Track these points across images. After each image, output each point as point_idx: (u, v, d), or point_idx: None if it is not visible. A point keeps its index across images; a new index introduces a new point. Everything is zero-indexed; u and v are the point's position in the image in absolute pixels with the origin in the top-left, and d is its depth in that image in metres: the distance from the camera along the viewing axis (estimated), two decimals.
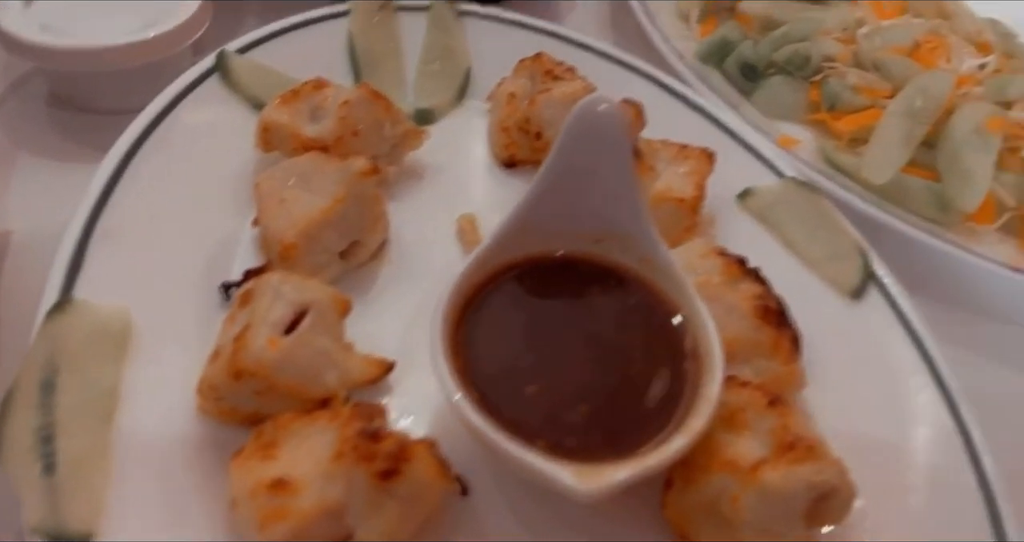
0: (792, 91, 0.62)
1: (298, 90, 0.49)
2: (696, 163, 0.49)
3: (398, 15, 0.60)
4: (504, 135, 0.54)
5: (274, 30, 0.56)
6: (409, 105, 0.56)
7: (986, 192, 0.53)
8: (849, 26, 0.66)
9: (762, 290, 0.43)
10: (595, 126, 0.39)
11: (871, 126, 0.58)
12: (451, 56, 0.59)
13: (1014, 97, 0.60)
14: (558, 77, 0.54)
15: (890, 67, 0.62)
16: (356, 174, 0.43)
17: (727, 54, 0.64)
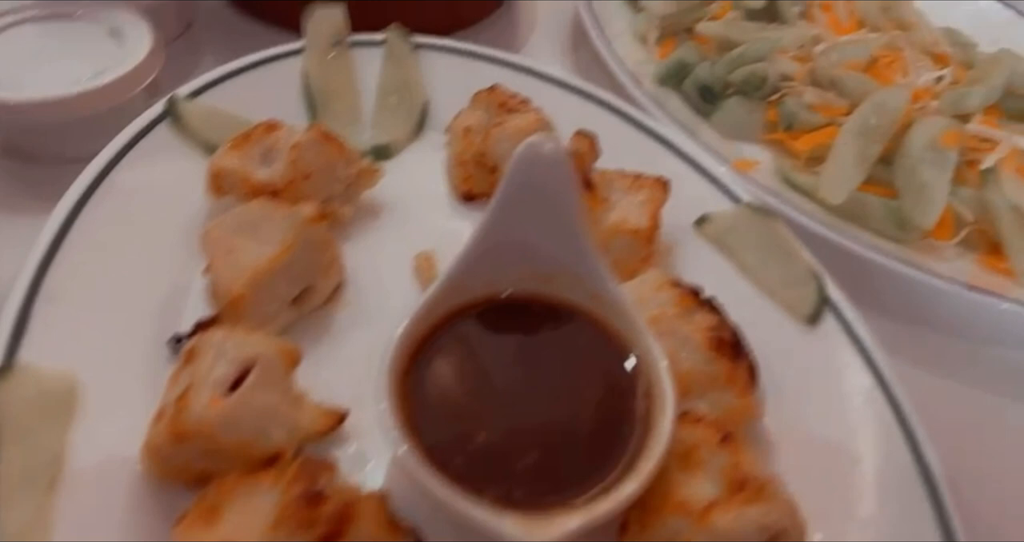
0: (750, 112, 0.62)
1: (249, 133, 0.49)
2: (651, 192, 0.49)
3: (353, 51, 0.60)
4: (461, 169, 0.54)
5: (227, 71, 0.55)
6: (367, 141, 0.56)
7: (943, 208, 0.53)
8: (805, 44, 0.66)
9: (717, 321, 0.43)
10: (540, 167, 0.39)
11: (828, 144, 0.58)
12: (408, 90, 0.59)
13: (971, 109, 0.61)
14: (512, 109, 0.54)
15: (846, 84, 0.62)
16: (304, 220, 0.42)
17: (685, 76, 0.65)
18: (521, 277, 0.41)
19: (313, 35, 0.58)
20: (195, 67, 0.65)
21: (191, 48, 0.67)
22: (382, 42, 0.61)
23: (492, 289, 0.42)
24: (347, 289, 0.47)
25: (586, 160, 0.49)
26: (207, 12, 0.70)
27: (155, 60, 0.55)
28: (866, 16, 0.71)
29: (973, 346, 0.51)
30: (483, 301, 0.41)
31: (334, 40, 0.59)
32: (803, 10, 0.71)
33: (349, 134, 0.56)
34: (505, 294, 0.42)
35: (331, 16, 0.60)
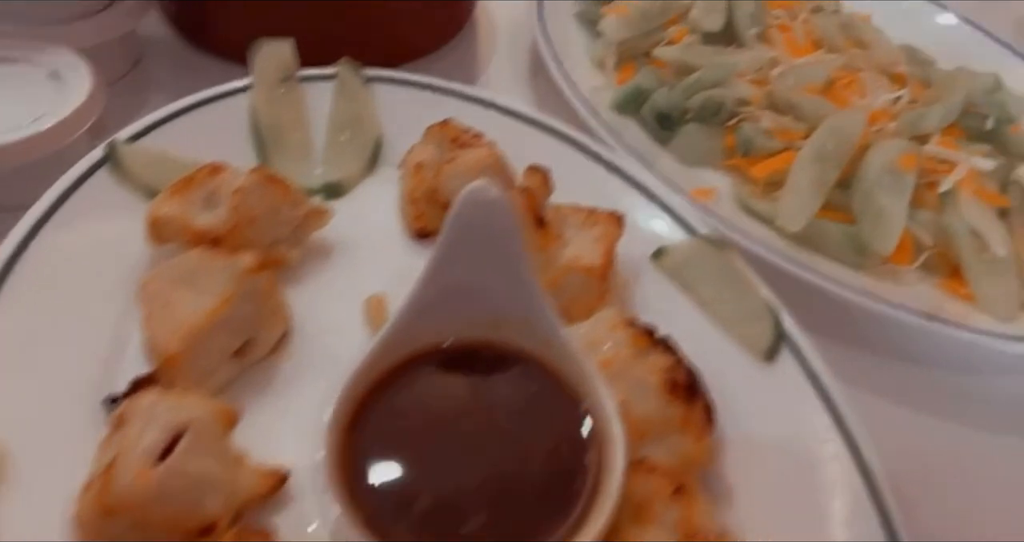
0: (708, 138, 0.61)
1: (191, 177, 0.48)
2: (605, 228, 0.49)
3: (303, 86, 0.59)
4: (413, 207, 0.52)
5: (170, 112, 0.54)
6: (318, 179, 0.55)
7: (901, 233, 0.53)
8: (763, 67, 0.65)
9: (672, 361, 0.42)
10: (484, 212, 0.38)
11: (786, 170, 0.57)
12: (360, 124, 0.58)
13: (928, 130, 0.60)
14: (465, 144, 0.53)
15: (803, 107, 0.62)
16: (244, 271, 0.41)
17: (643, 102, 0.64)
18: (470, 323, 0.40)
19: (260, 71, 0.57)
20: (143, 105, 0.63)
21: (139, 85, 0.65)
22: (333, 76, 0.60)
23: (441, 336, 0.40)
24: (294, 338, 0.46)
25: (539, 196, 0.48)
26: (156, 47, 0.69)
27: (96, 102, 0.53)
28: (824, 36, 0.71)
29: (934, 374, 0.51)
30: (432, 349, 0.40)
31: (283, 75, 0.58)
32: (761, 32, 0.70)
33: (299, 173, 0.55)
34: (454, 341, 0.41)
35: (279, 51, 0.58)
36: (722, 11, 0.71)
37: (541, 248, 0.47)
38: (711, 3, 0.71)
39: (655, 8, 0.72)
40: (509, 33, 0.79)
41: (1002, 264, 0.52)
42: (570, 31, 0.74)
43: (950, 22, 0.79)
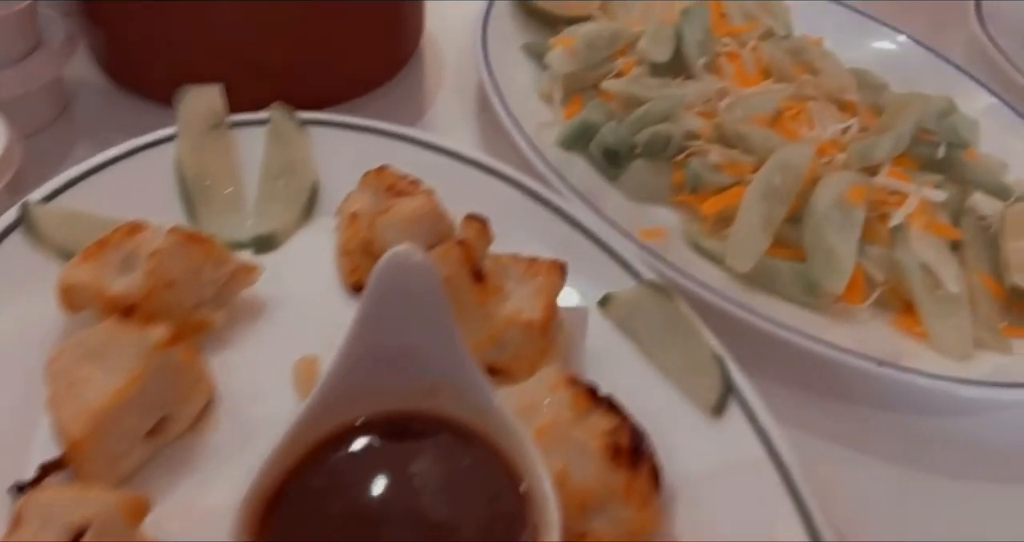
0: (656, 174, 0.60)
1: (106, 239, 0.45)
2: (547, 278, 0.47)
3: (234, 132, 0.56)
4: (348, 259, 0.50)
5: (92, 166, 0.52)
6: (249, 231, 0.53)
7: (851, 272, 0.51)
8: (711, 98, 0.64)
9: (616, 423, 0.40)
10: (406, 279, 0.36)
11: (735, 206, 0.56)
12: (295, 171, 0.56)
13: (879, 160, 0.59)
14: (401, 192, 0.51)
15: (752, 139, 0.60)
16: (154, 346, 0.39)
17: (590, 138, 0.62)
18: (399, 393, 0.38)
19: (186, 119, 0.55)
20: (69, 154, 0.61)
21: (66, 133, 0.63)
22: (265, 121, 0.57)
23: (368, 407, 0.38)
24: (217, 409, 0.43)
25: (477, 248, 0.46)
26: (85, 89, 0.66)
27: (10, 161, 0.51)
28: (772, 63, 0.70)
29: (889, 417, 0.49)
30: (359, 420, 0.38)
31: (211, 123, 0.56)
32: (709, 61, 0.69)
33: (228, 226, 0.53)
34: (383, 412, 0.38)
35: (206, 97, 0.56)
36: (670, 41, 0.70)
37: (479, 303, 0.45)
38: (659, 32, 0.70)
39: (602, 39, 0.70)
40: (457, 64, 0.77)
41: (955, 301, 0.50)
42: (518, 63, 0.72)
43: (902, 44, 0.79)
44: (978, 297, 0.52)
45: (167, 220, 0.51)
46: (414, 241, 0.49)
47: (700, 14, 0.72)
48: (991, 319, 0.52)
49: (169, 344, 0.39)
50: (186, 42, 0.61)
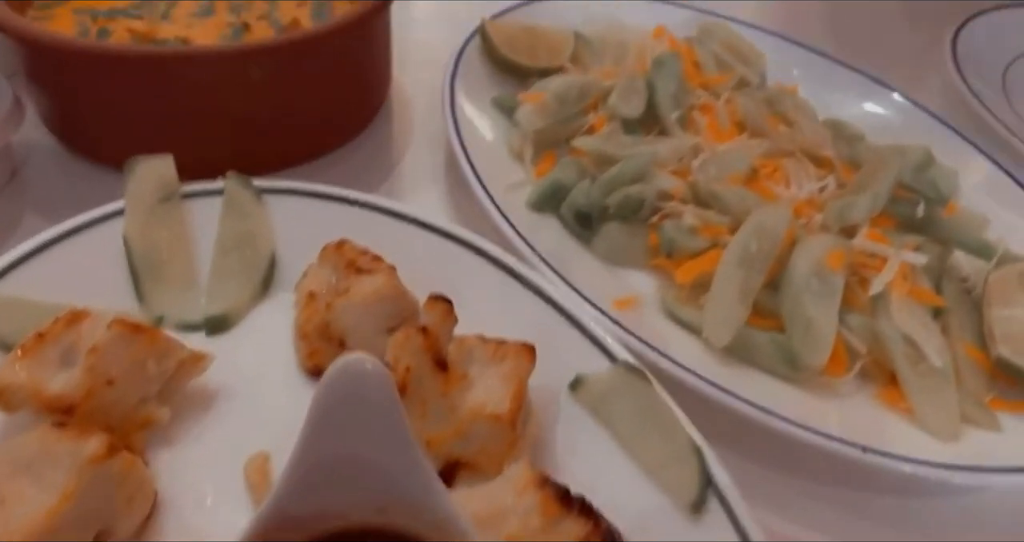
0: (630, 237, 0.58)
1: (45, 332, 0.42)
2: (515, 362, 0.44)
3: (186, 204, 0.54)
4: (305, 342, 0.48)
5: (37, 245, 0.49)
6: (201, 311, 0.50)
7: (832, 345, 0.49)
8: (684, 156, 0.63)
9: (588, 529, 0.38)
10: (358, 387, 0.34)
11: (711, 271, 0.54)
12: (251, 243, 0.53)
13: (857, 220, 0.58)
14: (361, 269, 0.48)
15: (727, 200, 0.59)
16: (89, 459, 0.36)
17: (562, 199, 0.61)
18: (353, 506, 0.35)
19: (135, 193, 0.52)
20: (18, 225, 0.58)
21: (15, 202, 0.60)
22: (220, 191, 0.55)
23: (323, 522, 0.36)
24: (162, 516, 0.40)
25: (440, 333, 0.44)
26: (35, 153, 0.63)
27: None
28: (747, 116, 0.68)
29: (875, 498, 0.47)
30: (314, 536, 0.35)
31: (162, 195, 0.53)
32: (683, 114, 0.68)
33: (179, 306, 0.50)
34: (338, 526, 0.36)
35: (158, 167, 0.54)
36: (642, 94, 0.68)
37: (443, 393, 0.42)
38: (630, 86, 0.68)
39: (572, 93, 0.69)
40: (426, 113, 0.75)
41: (939, 376, 0.49)
42: (488, 115, 0.70)
43: (877, 91, 0.78)
44: (963, 369, 0.50)
45: (116, 301, 0.49)
46: (374, 323, 0.47)
47: (672, 65, 0.71)
48: (978, 392, 0.50)
49: (107, 456, 0.36)
50: (139, 105, 0.58)
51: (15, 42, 0.56)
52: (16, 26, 0.55)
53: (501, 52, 0.73)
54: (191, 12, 0.66)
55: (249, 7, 0.67)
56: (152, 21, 0.64)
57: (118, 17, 0.63)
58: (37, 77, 0.60)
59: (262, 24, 0.65)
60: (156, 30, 0.62)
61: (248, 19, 0.65)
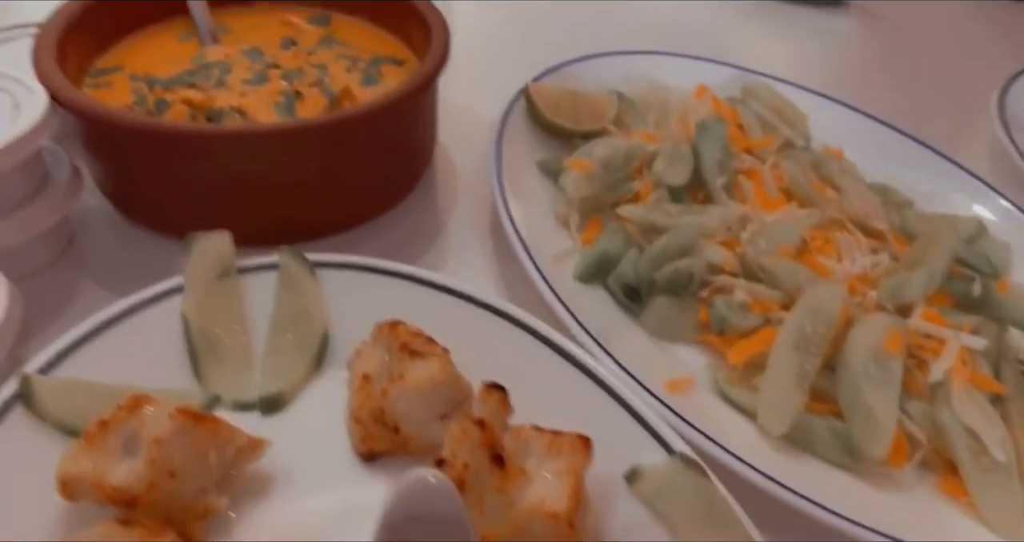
0: (679, 311, 0.58)
1: (107, 421, 0.43)
2: (572, 456, 0.44)
3: (243, 279, 0.55)
4: (359, 427, 0.48)
5: (96, 325, 0.50)
6: (256, 390, 0.50)
7: (893, 435, 0.49)
8: (732, 226, 0.62)
9: None
10: (427, 502, 0.34)
11: (765, 352, 0.53)
12: (305, 320, 0.54)
13: (912, 299, 0.57)
14: (415, 352, 0.48)
15: (778, 274, 0.58)
16: None
17: (610, 269, 0.60)
18: None
19: (193, 271, 0.53)
20: (75, 294, 0.59)
21: (72, 267, 0.61)
22: (275, 266, 0.56)
23: None
24: None
25: (497, 425, 0.44)
26: (92, 219, 0.65)
27: (10, 326, 0.49)
28: (794, 183, 0.68)
29: None
30: None
31: (220, 271, 0.54)
32: (729, 180, 0.68)
33: (236, 385, 0.50)
34: None
35: (216, 244, 0.54)
36: (687, 161, 0.68)
37: (500, 489, 0.42)
38: (674, 152, 0.68)
39: (617, 159, 0.69)
40: (469, 175, 0.75)
41: (1002, 471, 0.48)
42: (532, 176, 0.70)
43: (923, 153, 0.77)
44: None
45: (173, 380, 0.50)
46: (428, 410, 0.47)
47: (717, 129, 0.71)
48: None
49: None
50: (193, 177, 0.59)
51: (73, 115, 0.57)
52: (74, 100, 0.56)
53: (546, 116, 0.73)
54: (244, 79, 0.68)
55: (301, 74, 0.69)
56: (207, 88, 0.66)
57: (174, 87, 0.64)
58: (93, 147, 0.61)
59: (314, 92, 0.66)
60: (212, 99, 0.64)
61: (300, 87, 0.67)
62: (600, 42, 0.87)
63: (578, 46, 0.85)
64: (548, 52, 0.83)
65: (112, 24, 0.70)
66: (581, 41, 0.92)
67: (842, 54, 1.05)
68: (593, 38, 0.99)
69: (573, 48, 0.84)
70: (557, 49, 0.84)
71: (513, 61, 0.87)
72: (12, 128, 0.52)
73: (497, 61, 0.87)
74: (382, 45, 0.75)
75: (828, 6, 1.14)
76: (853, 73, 1.00)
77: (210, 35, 0.73)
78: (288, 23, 0.77)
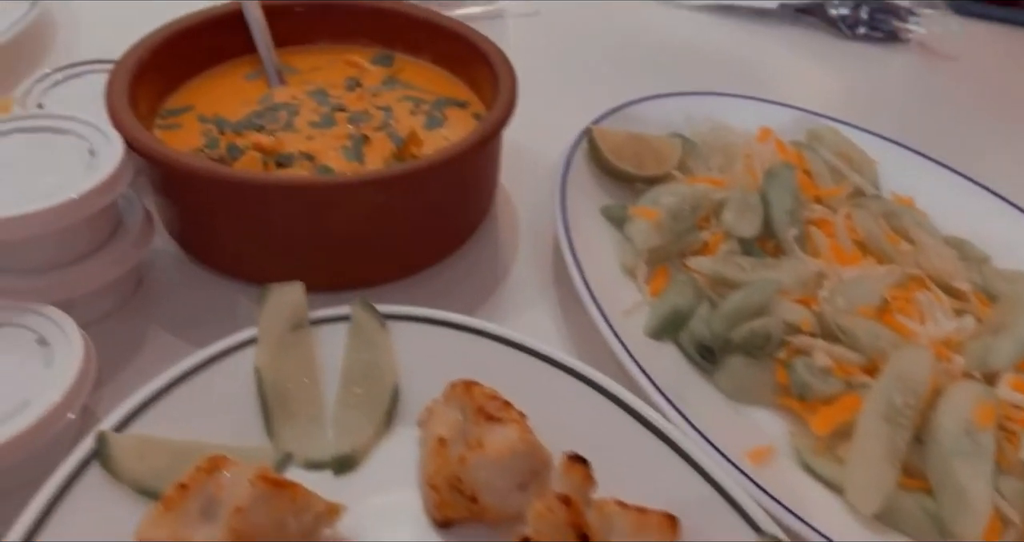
0: (757, 372, 0.56)
1: (186, 484, 0.42)
2: (658, 536, 0.42)
3: (314, 330, 0.54)
4: (434, 493, 0.46)
5: (169, 381, 0.49)
6: (329, 448, 0.50)
7: (987, 517, 0.46)
8: (808, 282, 0.61)
9: None
10: None
11: (850, 421, 0.51)
12: (376, 374, 0.53)
13: (999, 366, 0.55)
14: (492, 417, 0.47)
15: (858, 335, 0.56)
16: None
17: (680, 324, 0.59)
18: None
19: (267, 322, 0.53)
20: (144, 340, 0.59)
21: (141, 312, 0.61)
22: (346, 317, 0.55)
23: None
24: None
25: (581, 502, 0.43)
26: (161, 261, 0.65)
27: (86, 380, 0.48)
28: (868, 236, 0.66)
29: None
30: None
31: (293, 323, 0.53)
32: (801, 232, 0.66)
33: (308, 442, 0.50)
34: None
35: (290, 296, 0.54)
36: (756, 211, 0.67)
37: None
38: (744, 201, 0.67)
39: (685, 207, 0.67)
40: (529, 222, 0.74)
41: None
42: (593, 222, 0.69)
43: (995, 203, 0.75)
44: None
45: (246, 436, 0.49)
46: (507, 479, 0.46)
47: (786, 177, 0.69)
48: None
49: None
50: (265, 225, 0.59)
51: (148, 162, 0.57)
52: (150, 148, 0.56)
53: (610, 160, 0.72)
54: (312, 121, 0.67)
55: (367, 117, 0.68)
56: (275, 130, 0.66)
57: (244, 130, 0.64)
58: (166, 192, 0.61)
59: (380, 136, 0.66)
60: (282, 143, 0.64)
61: (367, 131, 0.66)
62: (656, 82, 0.86)
63: (635, 85, 0.84)
64: (604, 91, 0.83)
65: (182, 64, 0.70)
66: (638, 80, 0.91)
67: (903, 93, 1.03)
68: (650, 78, 0.98)
69: (629, 87, 0.83)
70: (613, 88, 0.84)
71: (569, 99, 0.87)
72: (89, 177, 0.52)
73: (553, 99, 0.87)
74: (445, 86, 0.75)
75: (887, 42, 1.12)
76: (915, 114, 0.98)
77: (277, 75, 0.73)
78: (351, 63, 0.77)
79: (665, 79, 0.98)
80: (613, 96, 0.81)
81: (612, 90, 0.83)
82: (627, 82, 0.97)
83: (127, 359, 0.57)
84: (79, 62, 0.75)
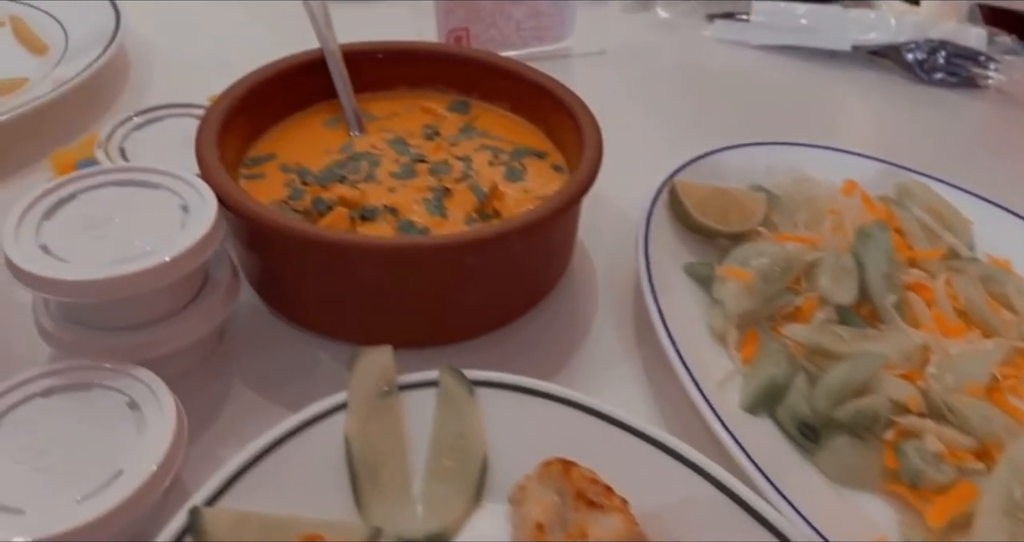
0: (863, 454, 0.53)
1: None
2: None
3: (402, 395, 0.53)
4: None
5: (259, 450, 0.48)
6: (419, 527, 0.48)
7: None
8: (913, 356, 0.58)
9: None
10: None
11: (966, 514, 0.48)
12: (464, 445, 0.51)
13: None
14: (593, 503, 0.45)
15: (969, 417, 0.53)
16: None
17: (778, 398, 0.56)
18: None
19: (357, 388, 0.51)
20: (228, 395, 0.58)
21: (224, 366, 0.60)
22: (434, 383, 0.53)
23: None
24: None
25: None
26: (243, 313, 0.64)
27: (179, 447, 0.47)
28: (969, 305, 0.63)
29: None
30: None
31: (382, 389, 0.52)
32: (898, 299, 0.63)
33: (397, 517, 0.48)
34: None
35: (380, 360, 0.53)
36: (852, 275, 0.64)
37: None
38: (838, 265, 0.64)
39: (776, 269, 0.65)
40: (607, 275, 0.72)
41: None
42: (674, 278, 0.67)
43: None
44: None
45: (334, 508, 0.48)
46: None
47: (880, 238, 0.67)
48: None
49: None
50: (350, 283, 0.58)
51: (238, 219, 0.57)
52: (242, 204, 0.55)
53: (693, 216, 0.70)
54: (393, 172, 0.67)
55: (447, 168, 0.67)
56: (357, 181, 0.65)
57: (328, 184, 0.64)
58: (252, 246, 0.60)
59: (462, 188, 0.65)
60: (365, 196, 0.63)
61: (448, 183, 0.65)
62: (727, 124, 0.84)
63: (705, 127, 0.82)
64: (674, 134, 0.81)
65: (264, 112, 0.70)
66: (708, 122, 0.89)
67: (985, 143, 1.00)
68: (721, 119, 0.96)
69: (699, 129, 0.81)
70: (683, 130, 0.82)
71: (638, 142, 0.85)
72: (184, 236, 0.52)
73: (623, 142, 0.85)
74: (522, 135, 0.74)
75: (963, 88, 1.08)
76: (1002, 166, 0.94)
77: (357, 121, 0.72)
78: (427, 110, 0.76)
79: (736, 121, 0.96)
80: (684, 138, 0.79)
81: (682, 132, 0.81)
82: (697, 124, 0.95)
83: (211, 417, 0.56)
84: (159, 105, 0.75)
